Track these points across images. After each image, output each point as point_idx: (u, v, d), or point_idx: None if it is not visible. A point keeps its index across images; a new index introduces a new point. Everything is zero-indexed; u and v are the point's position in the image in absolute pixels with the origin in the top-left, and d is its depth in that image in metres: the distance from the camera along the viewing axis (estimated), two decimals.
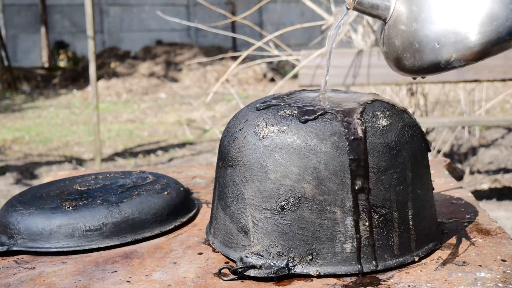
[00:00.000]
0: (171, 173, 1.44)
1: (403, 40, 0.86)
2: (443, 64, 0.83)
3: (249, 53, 3.18)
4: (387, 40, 0.90)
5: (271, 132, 0.86)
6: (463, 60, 0.82)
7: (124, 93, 8.57)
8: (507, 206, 3.49)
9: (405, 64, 0.88)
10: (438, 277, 0.82)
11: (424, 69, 0.86)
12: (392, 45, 0.88)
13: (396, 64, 0.90)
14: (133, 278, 0.85)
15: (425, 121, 3.48)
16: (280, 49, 3.49)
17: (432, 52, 0.83)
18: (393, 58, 0.90)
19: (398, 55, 0.88)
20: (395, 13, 0.87)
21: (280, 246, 0.84)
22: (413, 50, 0.85)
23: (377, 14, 0.89)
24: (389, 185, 0.84)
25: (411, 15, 0.84)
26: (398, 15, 0.87)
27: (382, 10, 0.88)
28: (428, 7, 0.82)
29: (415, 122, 0.93)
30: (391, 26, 0.88)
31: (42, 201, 1.04)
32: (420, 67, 0.86)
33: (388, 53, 0.91)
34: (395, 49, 0.88)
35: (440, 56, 0.82)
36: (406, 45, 0.85)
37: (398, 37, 0.87)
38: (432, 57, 0.83)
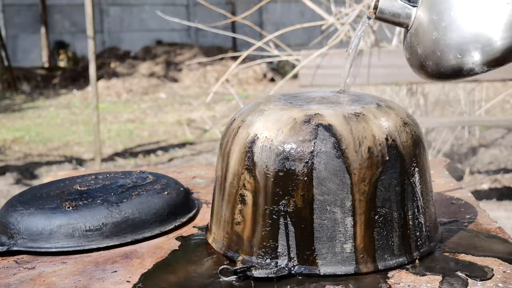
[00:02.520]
0: (171, 173, 1.43)
1: (425, 49, 0.86)
2: (466, 71, 0.84)
3: (249, 53, 3.18)
4: (410, 47, 0.90)
5: (271, 132, 0.86)
6: (486, 66, 0.82)
7: (124, 93, 8.57)
8: (507, 206, 3.49)
9: (428, 71, 0.89)
10: (438, 277, 0.82)
11: (446, 76, 0.87)
12: (414, 52, 0.89)
13: (419, 70, 0.91)
14: (133, 278, 0.85)
15: (425, 121, 3.48)
16: (280, 49, 3.49)
17: (454, 60, 0.83)
18: (416, 65, 0.91)
19: (421, 63, 0.89)
20: (417, 21, 0.88)
21: (280, 246, 0.84)
22: (435, 58, 0.85)
23: (399, 22, 0.90)
24: (389, 185, 0.84)
25: (431, 24, 0.85)
26: (419, 23, 0.87)
27: (404, 18, 0.89)
28: (449, 16, 0.83)
29: (415, 122, 0.93)
30: (413, 34, 0.89)
31: (42, 201, 1.04)
32: (442, 74, 0.87)
33: (411, 59, 0.92)
34: (418, 57, 0.89)
35: (462, 63, 0.83)
36: (428, 53, 0.86)
37: (420, 45, 0.87)
38: (454, 65, 0.84)
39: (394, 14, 0.89)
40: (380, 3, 0.90)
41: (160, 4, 11.11)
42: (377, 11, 0.90)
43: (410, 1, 0.89)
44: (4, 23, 10.97)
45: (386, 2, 0.89)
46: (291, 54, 3.42)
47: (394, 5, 0.89)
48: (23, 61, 10.66)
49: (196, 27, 8.60)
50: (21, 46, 11.03)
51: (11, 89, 8.94)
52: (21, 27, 11.11)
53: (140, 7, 11.62)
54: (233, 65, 3.30)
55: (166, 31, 11.47)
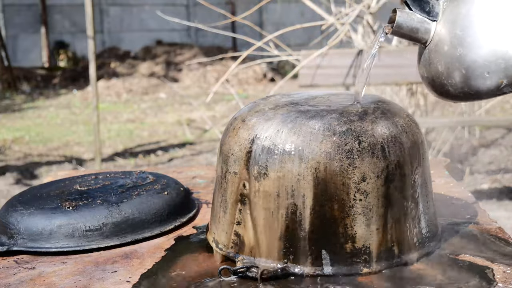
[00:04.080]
0: (171, 173, 1.44)
1: (447, 66, 0.81)
2: (493, 90, 0.78)
3: (249, 53, 3.18)
4: (428, 65, 0.84)
5: (271, 132, 0.86)
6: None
7: (124, 93, 8.57)
8: (507, 206, 3.49)
9: (450, 90, 0.82)
10: (438, 276, 0.82)
11: (471, 95, 0.81)
12: (434, 70, 0.83)
13: (438, 89, 0.85)
14: (133, 278, 0.85)
15: (425, 121, 3.48)
16: (280, 49, 3.49)
17: (480, 78, 0.78)
18: (435, 83, 0.85)
19: (442, 81, 0.83)
20: (436, 37, 0.82)
21: (280, 246, 0.84)
22: (459, 76, 0.79)
23: (417, 37, 0.84)
24: (389, 186, 0.84)
25: (455, 39, 0.79)
26: (440, 39, 0.82)
27: (422, 34, 0.84)
28: (474, 31, 0.77)
29: (415, 122, 0.93)
30: (432, 50, 0.83)
31: (42, 201, 1.04)
32: (467, 94, 0.81)
33: (429, 78, 0.85)
34: (438, 75, 0.83)
35: (489, 82, 0.77)
36: (451, 70, 0.80)
37: (441, 62, 0.82)
38: (481, 84, 0.78)
39: (412, 29, 0.84)
40: (397, 17, 0.84)
41: (160, 4, 11.11)
42: (394, 25, 0.84)
43: (429, 15, 0.84)
44: (4, 23, 10.97)
45: (404, 16, 0.84)
46: (291, 54, 3.42)
47: (413, 19, 0.83)
48: (23, 61, 10.66)
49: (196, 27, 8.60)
50: (21, 46, 11.03)
51: (11, 89, 8.94)
52: (21, 27, 11.11)
53: (140, 7, 11.62)
54: (233, 65, 3.30)
55: (166, 31, 11.47)
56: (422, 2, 0.84)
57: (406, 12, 0.84)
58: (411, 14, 0.84)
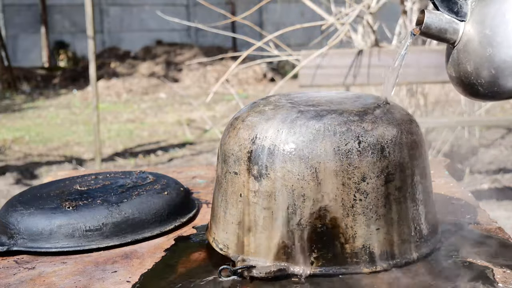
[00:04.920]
0: (171, 173, 1.44)
1: (477, 66, 0.80)
2: None
3: (249, 53, 3.18)
4: (457, 65, 0.84)
5: (271, 132, 0.86)
6: None
7: (124, 93, 8.57)
8: (507, 206, 3.49)
9: (479, 90, 0.82)
10: (438, 276, 0.82)
11: (501, 95, 0.80)
12: (463, 70, 0.83)
13: (468, 90, 0.84)
14: (133, 278, 0.85)
15: (425, 121, 3.47)
16: (280, 49, 3.49)
17: (510, 78, 0.77)
18: (464, 84, 0.84)
19: (471, 81, 0.82)
20: (465, 37, 0.82)
21: (280, 246, 0.84)
22: (489, 76, 0.79)
23: (445, 37, 0.84)
24: (389, 186, 0.84)
25: (484, 39, 0.79)
26: (468, 39, 0.81)
27: (451, 34, 0.83)
28: (504, 31, 0.77)
29: (415, 122, 0.93)
30: (460, 50, 0.83)
31: (42, 201, 1.04)
32: (497, 94, 0.80)
33: (458, 78, 0.85)
34: (467, 75, 0.82)
35: None
36: (480, 71, 0.80)
37: (470, 62, 0.81)
38: (510, 83, 0.77)
39: (440, 30, 0.83)
40: (426, 18, 0.83)
41: (160, 4, 11.11)
42: (422, 27, 0.83)
43: (458, 15, 0.83)
44: (4, 23, 10.97)
45: (432, 17, 0.83)
46: (291, 54, 3.42)
47: (441, 20, 0.83)
48: (23, 61, 10.66)
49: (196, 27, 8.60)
50: (21, 46, 11.03)
51: (11, 89, 8.94)
52: (21, 27, 11.11)
53: (140, 7, 11.62)
54: (233, 65, 3.30)
55: (166, 31, 11.47)
56: (451, 3, 0.83)
57: (435, 13, 0.84)
58: (439, 14, 0.84)
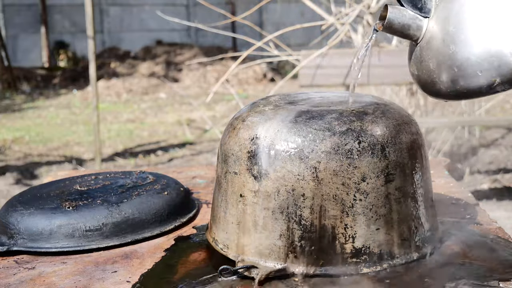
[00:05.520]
0: (171, 173, 1.44)
1: (439, 63, 0.79)
2: (485, 89, 0.76)
3: (249, 53, 3.18)
4: (419, 62, 0.83)
5: (271, 132, 0.86)
6: (507, 84, 0.75)
7: (124, 93, 8.57)
8: (507, 206, 3.49)
9: (441, 88, 0.80)
10: (438, 276, 0.82)
11: (463, 94, 0.79)
12: (425, 68, 0.81)
13: (430, 88, 0.83)
14: (133, 278, 0.85)
15: (425, 121, 3.48)
16: (280, 49, 3.49)
17: (473, 76, 0.75)
18: (426, 82, 0.83)
19: (433, 79, 0.81)
20: (428, 34, 0.81)
21: (280, 246, 0.84)
22: (451, 74, 0.77)
23: (408, 34, 0.82)
24: (389, 186, 0.84)
25: (448, 36, 0.77)
26: (432, 36, 0.80)
27: (414, 30, 0.82)
28: (468, 28, 0.75)
29: (415, 122, 0.93)
30: (423, 47, 0.81)
31: (42, 201, 1.04)
32: (458, 92, 0.79)
33: (420, 76, 0.83)
34: (429, 73, 0.81)
35: (482, 80, 0.75)
36: (442, 68, 0.78)
37: (432, 60, 0.80)
38: (473, 82, 0.76)
39: (404, 26, 0.82)
40: (388, 13, 0.82)
41: (160, 4, 11.11)
42: (385, 22, 0.82)
43: (422, 11, 0.82)
44: (4, 23, 10.96)
45: (396, 12, 0.82)
46: (291, 54, 3.42)
47: (404, 16, 0.82)
48: (23, 61, 10.66)
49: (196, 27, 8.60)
50: (21, 46, 11.03)
51: (11, 89, 8.94)
52: (21, 27, 11.11)
53: (140, 7, 11.62)
54: (233, 65, 3.30)
55: (166, 31, 11.47)
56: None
57: (398, 9, 0.82)
58: (403, 10, 0.82)
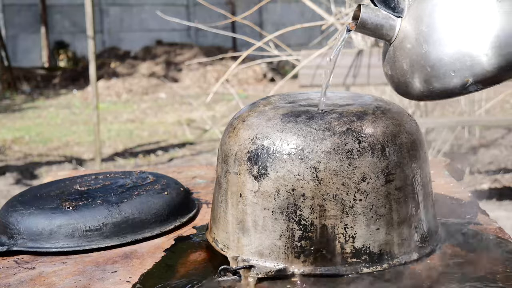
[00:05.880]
0: (171, 173, 1.43)
1: (412, 63, 0.78)
2: (458, 89, 0.76)
3: (249, 53, 3.18)
4: (393, 62, 0.82)
5: (271, 132, 0.86)
6: (480, 84, 0.74)
7: (124, 93, 8.57)
8: (507, 206, 3.49)
9: (414, 89, 0.80)
10: (438, 276, 0.82)
11: (436, 94, 0.79)
12: (398, 68, 0.81)
13: (403, 88, 0.83)
14: (133, 278, 0.85)
15: (425, 121, 3.48)
16: (280, 49, 3.49)
17: (446, 76, 0.75)
18: (399, 82, 0.83)
19: (406, 79, 0.80)
20: (402, 33, 0.80)
21: (280, 246, 0.84)
22: (424, 74, 0.77)
23: (382, 34, 0.82)
24: (389, 186, 0.84)
25: (420, 36, 0.77)
26: (405, 36, 0.79)
27: (387, 30, 0.81)
28: (440, 27, 0.75)
29: (415, 122, 0.93)
30: (397, 47, 0.81)
31: (42, 201, 1.04)
32: (432, 92, 0.79)
33: (394, 76, 0.83)
34: (403, 73, 0.80)
35: (455, 80, 0.75)
36: (416, 68, 0.78)
37: (406, 60, 0.79)
38: (446, 82, 0.76)
39: (377, 25, 0.81)
40: (361, 13, 0.82)
41: (160, 4, 11.11)
42: (358, 22, 0.82)
43: (395, 11, 0.81)
44: (4, 23, 10.96)
45: (369, 12, 0.82)
46: (291, 54, 3.42)
47: (378, 15, 0.81)
48: (23, 61, 10.66)
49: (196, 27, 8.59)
50: (21, 46, 11.03)
51: (11, 89, 8.94)
52: (21, 27, 11.11)
53: (140, 7, 11.62)
54: (233, 65, 3.30)
55: (166, 31, 11.47)
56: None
57: (371, 8, 0.82)
58: (376, 10, 0.82)
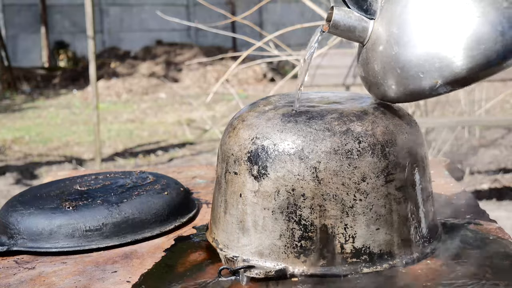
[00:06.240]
0: (171, 173, 1.44)
1: (384, 65, 0.79)
2: (428, 90, 0.77)
3: (249, 53, 3.18)
4: (366, 64, 0.83)
5: (271, 132, 0.86)
6: (450, 86, 0.75)
7: (124, 93, 8.57)
8: (507, 206, 3.49)
9: (386, 90, 0.82)
10: (438, 276, 0.82)
11: (407, 95, 0.80)
12: (371, 69, 0.82)
13: (375, 90, 0.84)
14: (133, 278, 0.85)
15: (425, 121, 3.48)
16: (280, 49, 3.49)
17: (415, 78, 0.76)
18: (372, 83, 0.84)
19: (378, 81, 0.82)
20: (374, 35, 0.81)
21: (280, 246, 0.84)
22: (395, 76, 0.78)
23: (354, 36, 0.83)
24: (389, 186, 0.84)
25: (391, 38, 0.78)
26: (377, 38, 0.80)
27: (360, 32, 0.82)
28: (410, 30, 0.76)
29: (415, 122, 0.93)
30: (369, 49, 0.82)
31: (42, 201, 1.04)
32: (402, 94, 0.80)
33: (367, 78, 0.84)
34: (375, 74, 0.82)
35: (424, 82, 0.76)
36: (387, 70, 0.79)
37: (377, 62, 0.80)
38: (416, 84, 0.77)
39: (349, 27, 0.82)
40: (334, 15, 0.82)
41: (160, 4, 11.11)
42: (331, 24, 0.82)
43: (367, 13, 0.82)
44: (4, 23, 10.97)
45: (341, 14, 0.82)
46: (291, 54, 3.42)
47: (350, 18, 0.82)
48: (23, 61, 10.66)
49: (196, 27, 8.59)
50: (21, 46, 11.03)
51: (11, 89, 8.94)
52: (21, 27, 11.11)
53: (140, 7, 11.62)
54: (233, 65, 3.30)
55: (166, 31, 11.47)
56: (360, 0, 0.82)
57: (344, 10, 0.82)
58: (349, 12, 0.82)
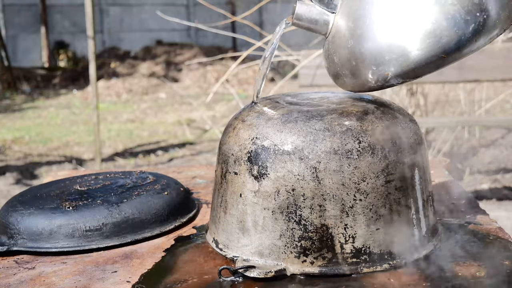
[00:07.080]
0: (171, 173, 1.44)
1: (341, 57, 0.84)
2: (380, 82, 0.81)
3: (249, 53, 3.18)
4: (328, 55, 0.88)
5: (271, 132, 0.86)
6: (400, 78, 0.80)
7: (124, 93, 8.57)
8: (507, 206, 3.49)
9: (345, 81, 0.86)
10: (438, 277, 0.82)
11: (361, 86, 0.84)
12: (331, 61, 0.87)
13: (338, 81, 0.89)
14: (133, 278, 0.85)
15: (425, 121, 3.47)
16: (280, 49, 3.49)
17: (368, 70, 0.80)
18: (332, 74, 0.89)
19: (338, 72, 0.86)
20: (334, 29, 0.85)
21: (280, 246, 0.84)
22: (350, 67, 0.83)
23: (316, 29, 0.87)
24: (389, 186, 0.84)
25: (347, 31, 0.82)
26: (336, 31, 0.84)
27: (321, 25, 0.86)
28: (363, 23, 0.80)
29: (415, 122, 0.93)
30: (330, 41, 0.86)
31: (42, 201, 1.04)
32: (358, 84, 0.84)
33: (329, 68, 0.89)
34: (335, 66, 0.86)
35: (377, 74, 0.80)
36: (343, 62, 0.83)
37: (336, 54, 0.85)
38: (369, 75, 0.81)
39: (311, 21, 0.86)
40: (297, 8, 0.86)
41: (160, 4, 11.11)
42: (294, 17, 0.86)
43: (328, 7, 0.86)
44: (4, 23, 10.97)
45: (304, 7, 0.86)
46: (291, 54, 3.42)
47: (312, 11, 0.86)
48: (23, 61, 10.66)
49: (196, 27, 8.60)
50: (21, 46, 11.03)
51: (11, 89, 8.94)
52: (21, 27, 11.11)
53: (140, 7, 11.63)
54: (233, 65, 3.30)
55: (166, 31, 11.47)
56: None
57: (306, 4, 0.86)
58: (311, 6, 0.86)
